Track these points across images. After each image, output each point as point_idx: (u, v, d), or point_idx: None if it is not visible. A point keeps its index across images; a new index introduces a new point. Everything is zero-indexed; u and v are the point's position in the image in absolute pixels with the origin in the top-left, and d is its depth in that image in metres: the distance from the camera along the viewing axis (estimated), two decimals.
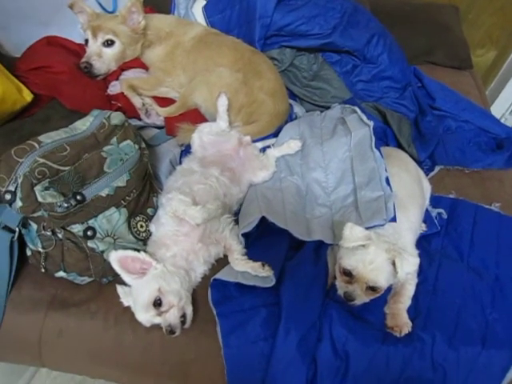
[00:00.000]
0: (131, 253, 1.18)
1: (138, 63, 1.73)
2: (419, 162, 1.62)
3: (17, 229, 1.16)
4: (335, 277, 1.23)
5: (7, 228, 1.16)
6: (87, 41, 1.67)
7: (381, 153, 1.41)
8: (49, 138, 1.19)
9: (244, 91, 1.60)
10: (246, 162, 1.50)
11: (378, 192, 1.33)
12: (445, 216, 1.48)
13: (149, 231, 1.32)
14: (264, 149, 1.57)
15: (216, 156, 1.49)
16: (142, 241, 1.30)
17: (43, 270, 1.22)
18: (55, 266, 1.22)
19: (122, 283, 1.20)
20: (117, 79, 1.69)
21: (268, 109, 1.62)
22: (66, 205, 1.13)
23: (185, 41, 1.72)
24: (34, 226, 1.18)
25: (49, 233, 1.17)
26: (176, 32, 1.73)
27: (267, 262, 1.20)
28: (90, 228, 1.19)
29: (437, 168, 1.70)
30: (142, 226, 1.31)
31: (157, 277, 1.17)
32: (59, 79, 1.58)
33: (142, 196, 1.34)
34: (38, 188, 1.11)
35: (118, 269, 1.17)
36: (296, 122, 1.67)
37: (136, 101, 1.65)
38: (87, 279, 1.27)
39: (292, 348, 1.11)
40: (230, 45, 1.70)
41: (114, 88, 1.67)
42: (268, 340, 1.14)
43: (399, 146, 1.69)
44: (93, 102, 1.54)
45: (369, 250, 1.13)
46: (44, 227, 1.17)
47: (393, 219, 1.25)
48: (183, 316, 1.17)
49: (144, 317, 1.16)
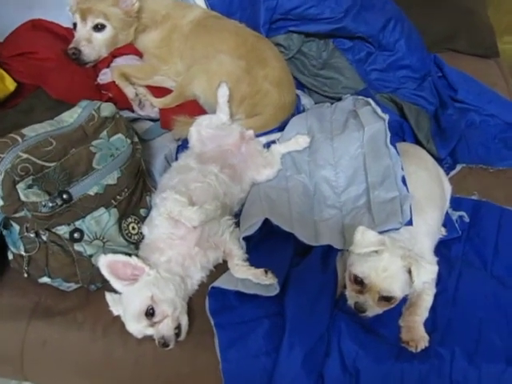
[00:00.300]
0: (122, 257, 1.19)
1: (131, 49, 1.73)
2: (439, 160, 1.61)
3: None
4: (345, 286, 1.22)
5: None
6: (75, 25, 1.67)
7: (396, 149, 1.41)
8: (33, 131, 1.19)
9: (247, 80, 1.60)
10: (249, 159, 1.49)
11: (393, 192, 1.33)
12: (467, 219, 1.48)
13: (141, 234, 1.32)
14: (268, 144, 1.57)
15: (215, 152, 1.49)
16: (134, 244, 1.31)
17: (26, 275, 1.22)
18: (39, 271, 1.22)
19: (112, 290, 1.20)
20: (108, 67, 1.69)
21: (273, 100, 1.62)
22: (51, 204, 1.13)
23: (182, 25, 1.72)
24: (17, 228, 1.19)
25: (32, 235, 1.18)
26: (173, 15, 1.73)
27: (270, 269, 1.20)
28: (77, 230, 1.20)
29: (458, 166, 1.69)
30: (134, 228, 1.31)
31: (149, 284, 1.17)
32: (45, 66, 1.59)
33: (135, 195, 1.34)
34: (21, 186, 1.11)
35: (108, 274, 1.17)
36: (304, 115, 1.67)
37: (128, 91, 1.66)
38: (74, 286, 1.27)
39: (297, 363, 1.11)
40: (232, 29, 1.70)
41: (105, 76, 1.67)
42: (270, 354, 1.14)
43: (417, 142, 1.69)
44: (81, 92, 1.55)
45: (382, 257, 1.13)
46: (27, 229, 1.17)
47: (409, 223, 1.25)
48: (178, 327, 1.17)
49: (135, 327, 1.16)
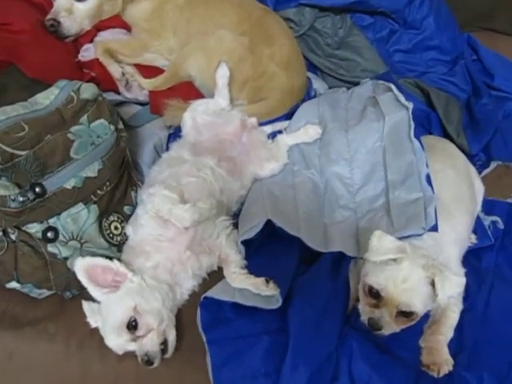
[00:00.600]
0: (102, 261, 1.18)
1: (118, 22, 1.73)
2: (471, 157, 1.61)
3: None
4: (358, 299, 1.22)
5: None
6: None
7: (421, 143, 1.40)
8: (3, 114, 1.19)
9: (250, 60, 1.59)
10: (251, 151, 1.49)
11: (416, 193, 1.32)
12: (501, 226, 1.47)
13: (125, 234, 1.32)
14: (274, 134, 1.57)
15: (212, 142, 1.48)
16: (116, 246, 1.31)
17: None
18: (6, 275, 1.22)
19: (90, 299, 1.20)
20: (91, 42, 1.68)
21: (280, 83, 1.62)
22: (22, 199, 1.13)
23: None
24: None
25: None
26: None
27: (272, 278, 1.20)
28: (51, 228, 1.20)
29: (493, 164, 1.69)
30: (117, 228, 1.31)
31: (133, 292, 1.17)
32: (19, 40, 1.58)
33: (118, 190, 1.34)
34: None
35: (85, 280, 1.17)
36: (315, 102, 1.66)
37: (114, 69, 1.65)
38: (46, 292, 1.27)
39: None
40: (234, 1, 1.69)
41: (87, 53, 1.66)
42: (270, 376, 1.14)
43: (446, 136, 1.68)
44: (59, 70, 1.54)
45: (402, 266, 1.12)
46: None
47: (433, 228, 1.24)
48: (164, 342, 1.17)
49: (115, 342, 1.16)
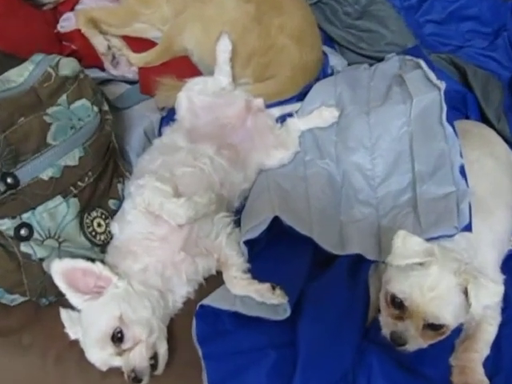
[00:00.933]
0: (82, 263, 1.19)
1: None
2: None
3: None
4: (379, 309, 1.22)
5: None
6: None
7: (455, 129, 1.40)
8: None
9: (256, 32, 1.59)
10: (256, 137, 1.49)
11: (448, 187, 1.32)
12: None
13: (109, 233, 1.33)
14: (283, 118, 1.56)
15: (211, 127, 1.48)
16: (100, 246, 1.31)
17: None
18: None
19: (69, 307, 1.20)
20: (72, 10, 1.69)
21: (291, 59, 1.61)
22: None
23: None
24: None
25: None
26: None
27: (279, 284, 1.20)
28: (25, 225, 1.20)
29: None
30: (100, 225, 1.32)
31: (118, 299, 1.17)
32: None
33: (102, 182, 1.34)
34: None
35: (63, 285, 1.18)
36: (332, 80, 1.66)
37: (98, 42, 1.66)
38: (19, 298, 1.27)
39: None
40: None
41: (68, 23, 1.67)
42: None
43: (484, 120, 1.68)
44: (36, 43, 1.55)
45: (430, 271, 1.12)
46: None
47: (467, 228, 1.24)
48: (154, 357, 1.17)
49: (98, 356, 1.16)
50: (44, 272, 1.22)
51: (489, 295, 1.11)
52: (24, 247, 1.21)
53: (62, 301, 1.21)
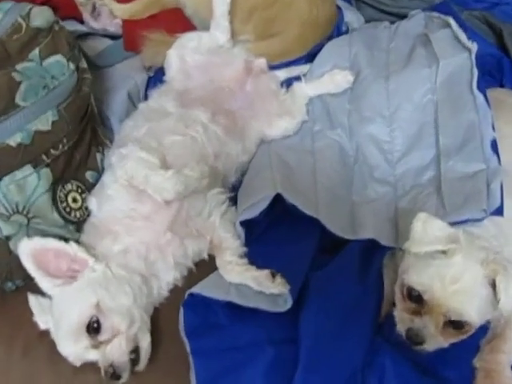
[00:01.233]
0: (55, 243, 1.19)
1: None
2: None
3: None
4: (394, 302, 1.22)
5: None
6: None
7: (487, 98, 1.39)
8: None
9: None
10: (257, 103, 1.49)
11: (477, 164, 1.32)
12: None
13: (86, 209, 1.33)
14: (289, 82, 1.56)
15: (206, 90, 1.48)
16: (74, 224, 1.31)
17: None
18: None
19: (38, 292, 1.20)
20: None
21: (299, 13, 1.60)
22: None
23: None
24: None
25: None
26: None
27: (280, 271, 1.20)
28: None
29: None
30: (76, 200, 1.32)
31: (95, 284, 1.17)
32: None
33: (78, 150, 1.34)
34: None
35: (32, 268, 1.18)
36: (346, 40, 1.65)
37: None
38: None
39: None
40: None
41: None
42: None
43: None
44: None
45: (453, 261, 1.12)
46: None
47: (498, 211, 1.23)
48: (135, 350, 1.17)
49: (71, 349, 1.16)
50: (10, 252, 1.22)
51: None
52: None
53: (31, 285, 1.21)
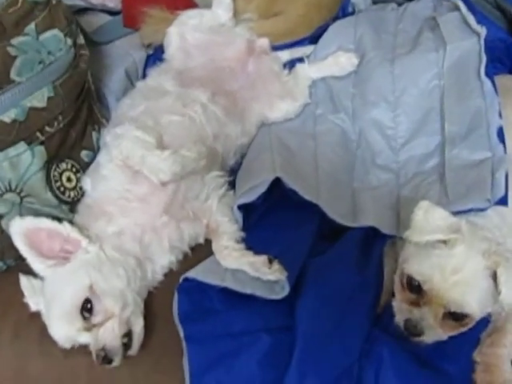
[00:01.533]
0: (48, 223, 1.19)
1: None
2: None
3: None
4: (393, 292, 1.21)
5: None
6: None
7: (495, 85, 1.37)
8: None
9: None
10: (258, 84, 1.49)
11: (483, 152, 1.31)
12: None
13: (80, 189, 1.33)
14: (292, 63, 1.56)
15: (206, 69, 1.47)
16: (68, 204, 1.31)
17: None
18: None
19: (30, 273, 1.20)
20: None
21: None
22: None
23: None
24: None
25: None
26: None
27: (278, 257, 1.19)
28: None
29: None
30: (70, 180, 1.32)
31: (88, 266, 1.17)
32: None
33: (74, 128, 1.33)
34: None
35: (24, 248, 1.18)
36: (352, 21, 1.64)
37: None
38: None
39: None
40: None
41: None
42: None
43: None
44: None
45: (454, 251, 1.10)
46: None
47: (502, 201, 1.23)
48: (128, 334, 1.17)
49: (63, 331, 1.16)
50: (2, 231, 1.22)
51: None
52: None
53: (23, 266, 1.21)
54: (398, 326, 1.16)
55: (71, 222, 1.22)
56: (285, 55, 1.58)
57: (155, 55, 1.57)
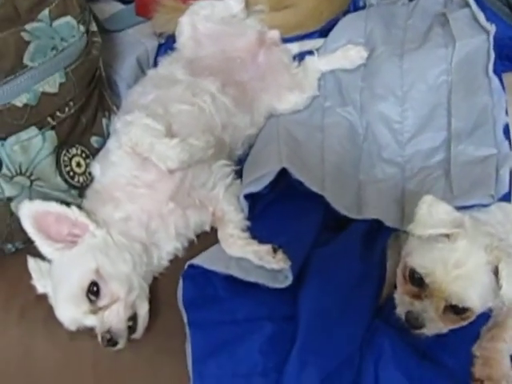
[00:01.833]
0: (56, 207, 1.19)
1: None
2: None
3: None
4: (396, 285, 1.22)
5: None
6: None
7: (502, 82, 1.38)
8: None
9: None
10: (268, 75, 1.48)
11: (488, 148, 1.31)
12: None
13: (89, 174, 1.33)
14: (302, 55, 1.56)
15: (217, 59, 1.47)
16: (77, 189, 1.32)
17: None
18: None
19: (38, 255, 1.21)
20: None
21: None
22: None
23: None
24: None
25: None
26: None
27: (282, 247, 1.20)
28: None
29: None
30: (80, 165, 1.32)
31: (95, 250, 1.18)
32: None
33: (85, 114, 1.34)
34: None
35: (33, 231, 1.18)
36: (363, 15, 1.64)
37: None
38: None
39: None
40: None
41: None
42: (268, 375, 1.14)
43: None
44: None
45: (456, 246, 1.11)
46: None
47: (506, 197, 1.23)
48: (133, 318, 1.18)
49: (69, 313, 1.17)
50: (11, 213, 1.23)
51: None
52: None
53: (31, 248, 1.21)
54: (400, 318, 1.17)
55: (79, 207, 1.23)
56: (295, 48, 1.58)
57: (167, 44, 1.57)
